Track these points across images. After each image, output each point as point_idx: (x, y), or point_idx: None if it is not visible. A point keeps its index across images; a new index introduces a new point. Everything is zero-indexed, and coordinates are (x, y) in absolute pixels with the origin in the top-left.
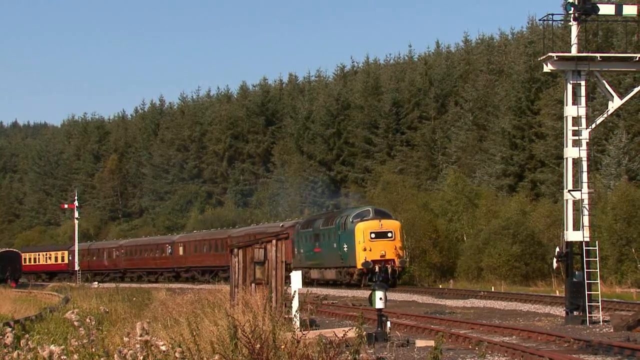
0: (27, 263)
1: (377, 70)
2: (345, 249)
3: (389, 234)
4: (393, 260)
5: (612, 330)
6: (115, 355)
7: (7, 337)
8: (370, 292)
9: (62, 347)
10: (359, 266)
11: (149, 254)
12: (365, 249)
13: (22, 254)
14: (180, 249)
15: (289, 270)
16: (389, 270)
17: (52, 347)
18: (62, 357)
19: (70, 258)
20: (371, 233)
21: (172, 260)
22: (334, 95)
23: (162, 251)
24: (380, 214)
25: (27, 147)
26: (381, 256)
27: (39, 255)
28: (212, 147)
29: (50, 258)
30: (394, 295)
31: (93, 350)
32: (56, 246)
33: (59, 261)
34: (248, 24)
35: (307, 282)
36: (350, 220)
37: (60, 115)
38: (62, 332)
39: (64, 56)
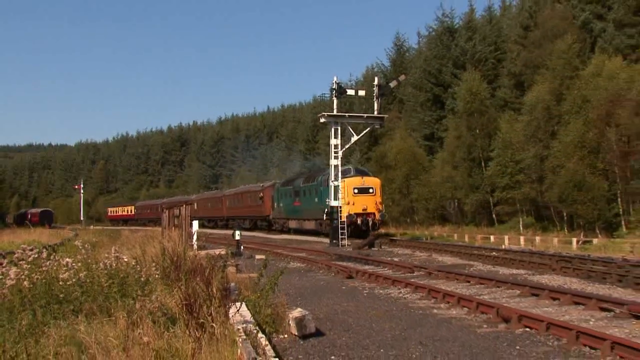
0: (111, 214)
1: (237, 119)
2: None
3: (370, 190)
4: (374, 213)
5: (352, 250)
6: (101, 264)
7: (44, 253)
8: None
9: (73, 259)
10: (343, 219)
11: (209, 204)
12: (348, 203)
13: (108, 209)
14: (227, 201)
15: (268, 221)
16: (370, 222)
17: (68, 259)
18: (73, 264)
19: (135, 210)
20: (354, 188)
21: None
22: (216, 132)
23: (216, 203)
24: (361, 172)
25: (56, 156)
26: (363, 210)
27: (118, 209)
28: (153, 157)
29: (124, 210)
30: (245, 233)
31: (89, 261)
32: (127, 202)
33: (129, 213)
34: (172, 88)
35: (284, 230)
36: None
37: (74, 138)
38: (74, 251)
39: (77, 104)
